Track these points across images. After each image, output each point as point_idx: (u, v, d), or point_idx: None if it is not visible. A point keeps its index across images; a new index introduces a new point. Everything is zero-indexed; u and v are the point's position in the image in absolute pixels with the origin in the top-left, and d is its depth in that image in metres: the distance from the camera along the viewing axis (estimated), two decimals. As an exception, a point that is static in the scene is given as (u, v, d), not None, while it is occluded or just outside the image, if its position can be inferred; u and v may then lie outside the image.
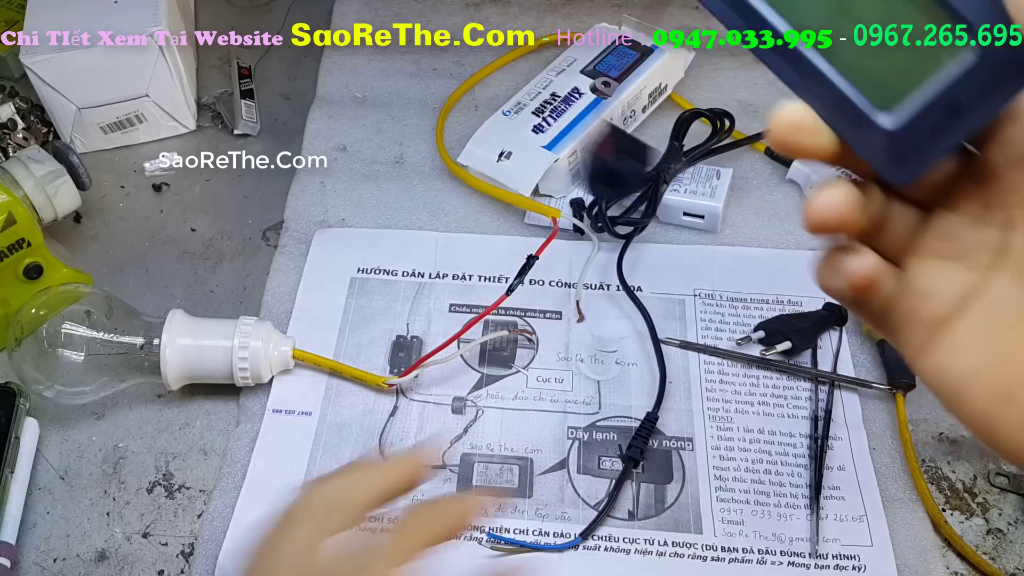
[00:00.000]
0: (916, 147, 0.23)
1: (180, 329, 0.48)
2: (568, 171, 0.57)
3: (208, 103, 0.67)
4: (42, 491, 0.47)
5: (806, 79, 0.24)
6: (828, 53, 0.24)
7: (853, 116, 0.24)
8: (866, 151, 0.24)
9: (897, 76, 0.23)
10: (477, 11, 0.73)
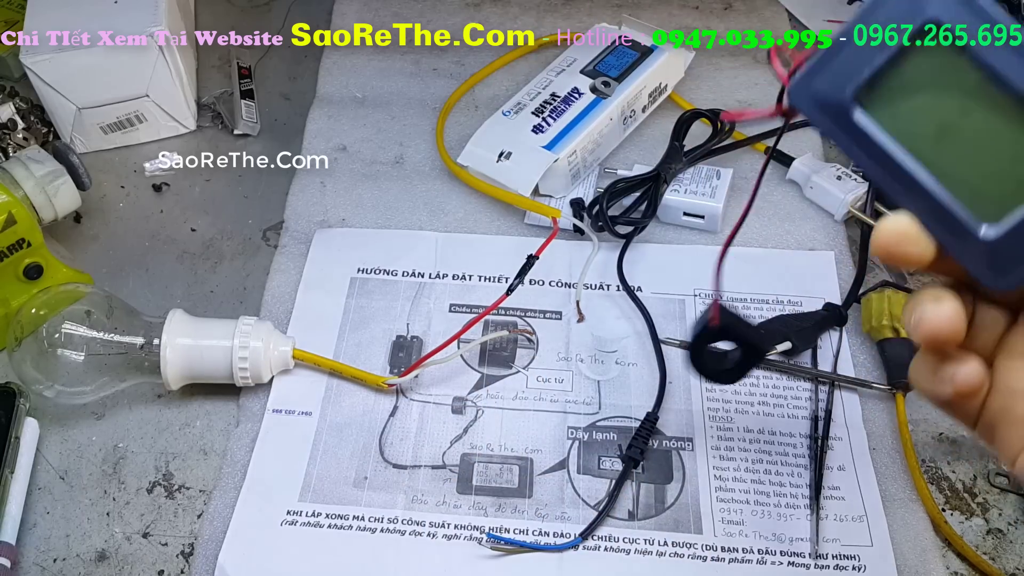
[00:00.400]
0: (1017, 257, 0.24)
1: (180, 329, 0.48)
2: (568, 171, 0.57)
3: (208, 103, 0.67)
4: (42, 491, 0.47)
5: (910, 190, 0.25)
6: (932, 167, 0.25)
7: (956, 227, 0.25)
8: (968, 260, 0.25)
9: (1000, 190, 0.24)
10: (477, 11, 0.73)
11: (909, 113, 0.25)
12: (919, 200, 0.25)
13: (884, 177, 0.25)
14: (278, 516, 0.45)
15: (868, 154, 0.25)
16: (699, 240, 0.57)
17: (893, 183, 0.25)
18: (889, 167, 0.25)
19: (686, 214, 0.57)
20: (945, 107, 0.24)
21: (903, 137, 0.25)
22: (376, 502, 0.46)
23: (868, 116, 0.25)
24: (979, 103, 0.24)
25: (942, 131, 0.25)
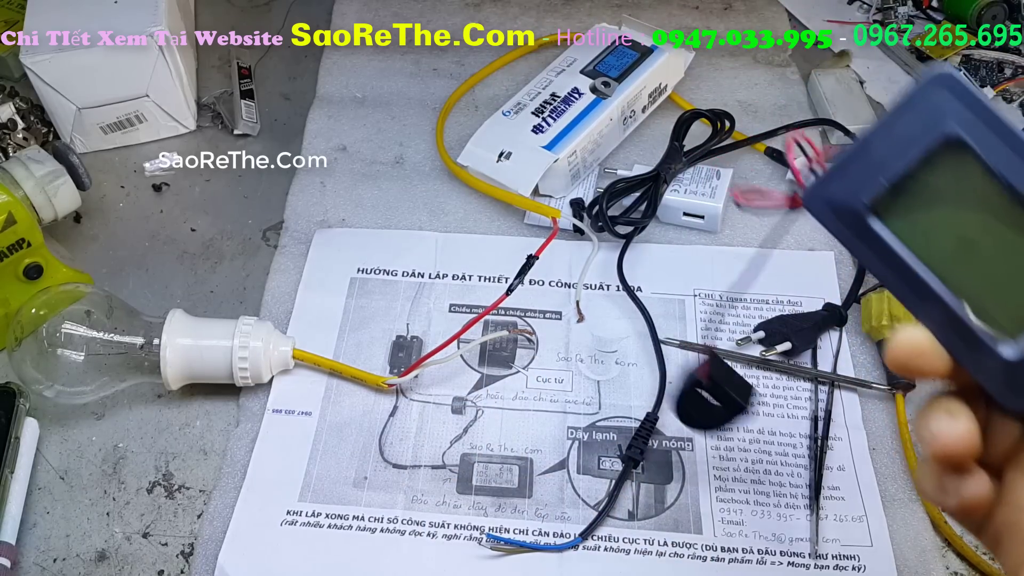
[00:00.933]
0: None
1: (180, 329, 0.48)
2: (568, 171, 0.57)
3: (208, 103, 0.67)
4: (42, 491, 0.47)
5: (926, 302, 0.25)
6: (949, 281, 0.25)
7: (973, 343, 0.25)
8: (985, 377, 0.25)
9: (1018, 308, 0.24)
10: (477, 11, 0.73)
11: (927, 225, 0.25)
12: (935, 313, 0.25)
13: (900, 287, 0.25)
14: (278, 516, 0.45)
15: (884, 263, 0.25)
16: (699, 240, 0.57)
17: (909, 294, 0.25)
18: (905, 277, 0.25)
19: (686, 214, 0.57)
20: (964, 221, 0.24)
21: (920, 249, 0.25)
22: (376, 502, 0.46)
23: (884, 226, 0.25)
24: (999, 218, 0.24)
25: (960, 245, 0.25)
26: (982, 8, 0.69)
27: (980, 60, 0.69)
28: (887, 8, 0.74)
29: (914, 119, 0.24)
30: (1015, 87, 0.67)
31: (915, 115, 0.24)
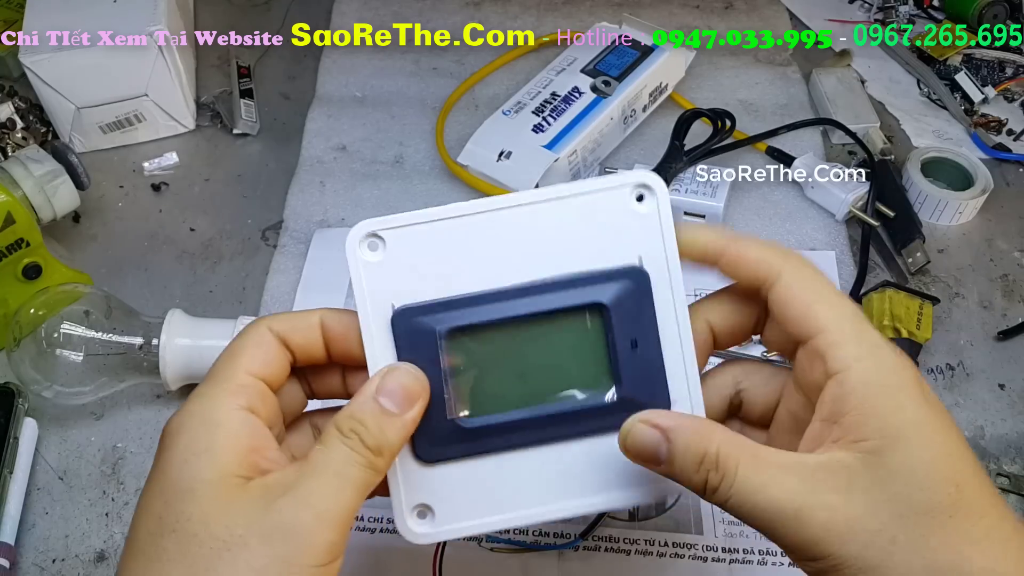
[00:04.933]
0: (640, 387, 0.31)
1: (179, 329, 0.47)
2: (568, 170, 0.57)
3: (207, 102, 0.67)
4: (41, 491, 0.47)
5: (555, 425, 0.31)
6: (546, 398, 0.31)
7: (599, 412, 0.31)
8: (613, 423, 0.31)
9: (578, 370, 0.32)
10: (477, 10, 0.73)
11: (490, 389, 0.30)
12: (566, 425, 0.31)
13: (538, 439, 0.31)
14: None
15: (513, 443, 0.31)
16: (700, 240, 0.57)
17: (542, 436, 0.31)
18: (531, 431, 0.30)
19: (687, 214, 0.57)
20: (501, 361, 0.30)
21: (508, 405, 0.30)
22: (375, 502, 0.46)
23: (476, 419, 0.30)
24: (506, 342, 0.30)
25: (520, 374, 0.31)
26: (983, 7, 0.69)
27: (981, 59, 0.68)
28: (888, 7, 0.74)
29: (425, 324, 0.30)
30: (1016, 86, 0.67)
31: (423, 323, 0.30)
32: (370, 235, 0.31)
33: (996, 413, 0.49)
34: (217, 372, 0.30)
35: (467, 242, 0.31)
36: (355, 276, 0.31)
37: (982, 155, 0.62)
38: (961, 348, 0.52)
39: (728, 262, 0.30)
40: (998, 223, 0.59)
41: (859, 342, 0.28)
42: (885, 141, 0.61)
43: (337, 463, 0.28)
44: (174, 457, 0.28)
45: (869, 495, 0.26)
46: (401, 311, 0.30)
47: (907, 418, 0.26)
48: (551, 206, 0.31)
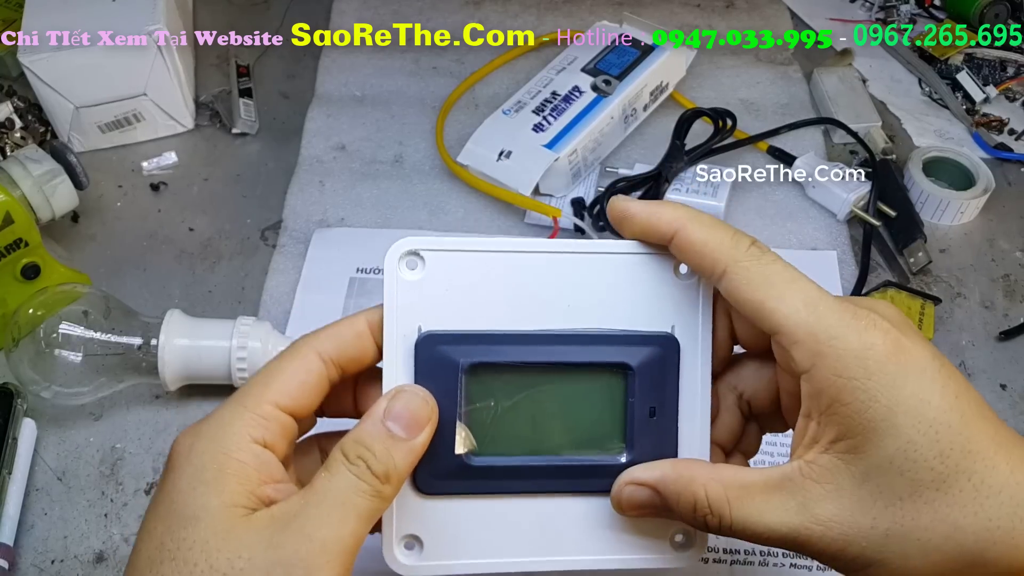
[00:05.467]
0: (651, 450, 0.31)
1: (178, 329, 0.47)
2: (569, 170, 0.57)
3: (206, 102, 0.67)
4: (40, 492, 0.47)
5: (554, 478, 0.31)
6: (558, 449, 0.31)
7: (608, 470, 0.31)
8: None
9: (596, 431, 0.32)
10: (477, 9, 0.72)
11: (502, 430, 0.30)
12: (571, 480, 0.31)
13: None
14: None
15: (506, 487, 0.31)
16: (700, 240, 0.56)
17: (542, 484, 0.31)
18: (535, 479, 0.30)
19: (687, 213, 0.56)
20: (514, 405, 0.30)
21: (517, 450, 0.30)
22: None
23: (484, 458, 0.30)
24: (527, 386, 0.30)
25: (534, 421, 0.30)
26: (984, 7, 0.69)
27: (982, 59, 0.68)
28: (889, 7, 0.74)
29: (443, 357, 0.30)
30: (1017, 86, 0.67)
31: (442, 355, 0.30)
32: (411, 253, 0.30)
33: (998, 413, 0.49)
34: (245, 395, 0.29)
35: (506, 279, 0.30)
36: (389, 291, 0.30)
37: (984, 155, 0.62)
38: (963, 348, 0.52)
39: (677, 249, 0.29)
40: (1000, 223, 0.59)
41: (816, 337, 0.26)
42: (886, 140, 0.61)
43: (342, 491, 0.27)
44: (181, 482, 0.27)
45: (855, 495, 0.26)
46: (427, 336, 0.30)
47: (877, 410, 0.26)
48: (597, 259, 0.30)
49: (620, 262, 0.30)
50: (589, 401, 0.31)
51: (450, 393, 0.30)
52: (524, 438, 0.30)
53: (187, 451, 0.27)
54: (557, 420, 0.31)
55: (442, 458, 0.30)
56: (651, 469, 0.29)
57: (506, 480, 0.30)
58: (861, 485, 0.26)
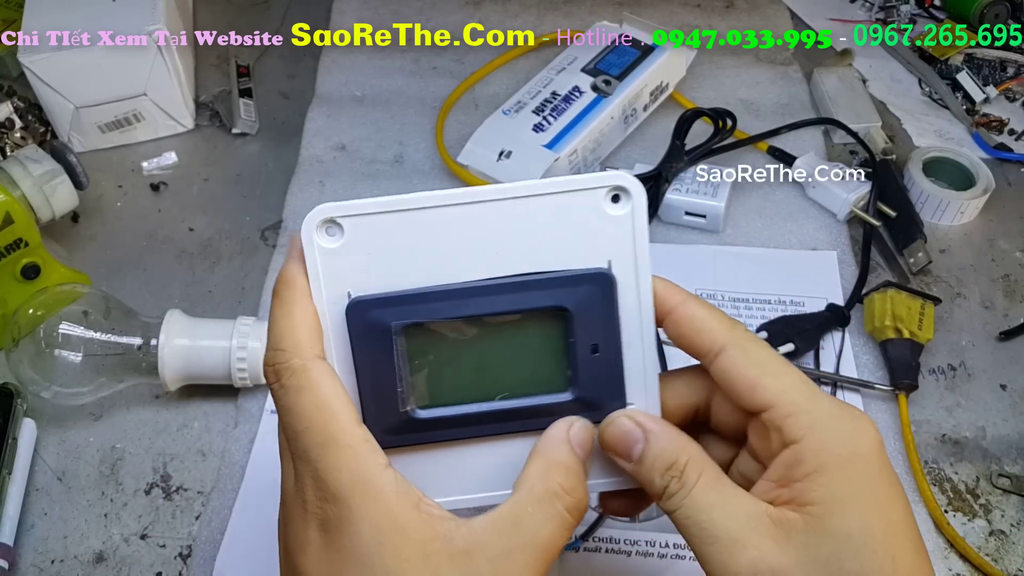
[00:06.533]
0: (597, 388, 0.32)
1: (178, 329, 0.47)
2: (569, 170, 0.57)
3: (206, 102, 0.67)
4: (39, 492, 0.47)
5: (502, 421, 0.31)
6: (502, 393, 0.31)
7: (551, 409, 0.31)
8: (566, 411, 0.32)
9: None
10: (477, 9, 0.72)
11: (444, 383, 0.30)
12: (517, 421, 0.30)
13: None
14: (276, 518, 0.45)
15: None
16: (701, 240, 0.56)
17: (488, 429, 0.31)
18: (481, 425, 0.30)
19: (688, 213, 0.56)
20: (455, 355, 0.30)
21: (461, 399, 0.30)
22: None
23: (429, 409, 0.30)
24: (464, 338, 0.30)
25: (476, 370, 0.30)
26: (984, 7, 0.69)
27: (983, 59, 0.68)
28: (890, 7, 0.74)
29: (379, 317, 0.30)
30: (1017, 86, 0.67)
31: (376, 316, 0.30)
32: (327, 221, 0.30)
33: (998, 414, 0.49)
34: (328, 435, 0.28)
35: (430, 234, 0.30)
36: (310, 262, 0.30)
37: (984, 155, 0.62)
38: (963, 348, 0.52)
39: (672, 324, 0.30)
40: (1000, 223, 0.59)
41: (812, 413, 0.28)
42: (887, 141, 0.61)
43: (548, 532, 0.28)
44: (358, 543, 0.26)
45: (803, 552, 0.26)
46: (356, 302, 0.30)
47: (854, 489, 0.27)
48: (522, 203, 0.29)
49: (546, 203, 0.30)
50: (530, 344, 0.30)
51: (387, 354, 0.29)
52: (468, 387, 0.30)
53: (345, 512, 0.27)
54: (500, 366, 0.30)
55: (390, 415, 0.30)
56: (653, 421, 0.29)
57: (454, 428, 0.30)
58: (812, 546, 0.26)
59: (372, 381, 0.30)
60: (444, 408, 0.30)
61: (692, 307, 0.30)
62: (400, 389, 0.30)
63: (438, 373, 0.30)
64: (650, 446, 0.29)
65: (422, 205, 0.29)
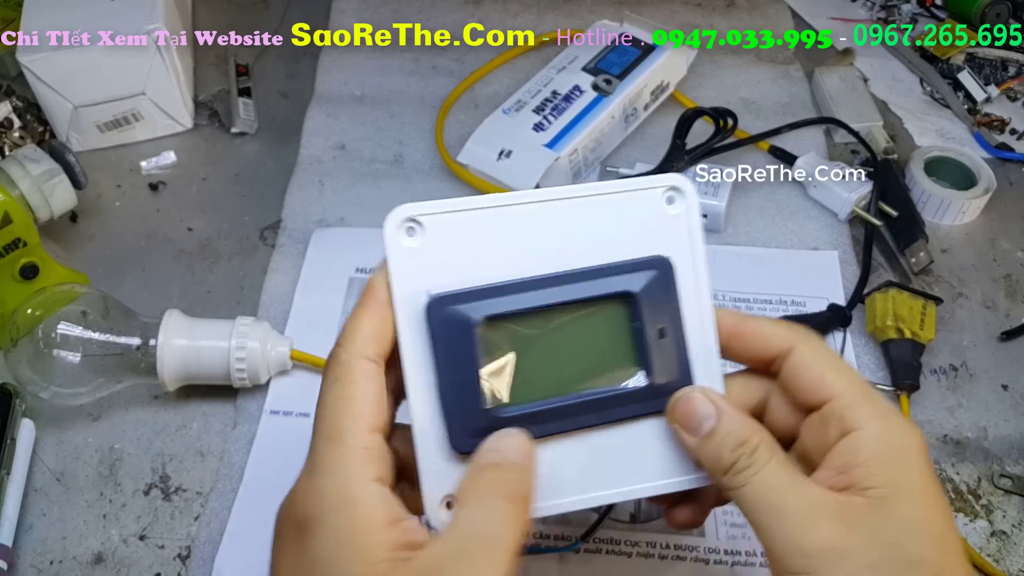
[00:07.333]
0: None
1: (177, 329, 0.47)
2: (569, 169, 0.57)
3: (205, 101, 0.66)
4: (38, 493, 0.46)
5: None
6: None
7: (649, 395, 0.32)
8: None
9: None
10: (477, 8, 0.72)
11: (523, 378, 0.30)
12: (596, 413, 0.31)
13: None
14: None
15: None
16: (701, 239, 0.56)
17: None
18: (562, 419, 0.31)
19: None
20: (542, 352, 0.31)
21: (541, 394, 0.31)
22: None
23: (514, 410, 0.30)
24: (538, 331, 0.31)
25: (551, 363, 0.31)
26: (985, 7, 0.69)
27: (984, 58, 0.68)
28: (891, 6, 0.74)
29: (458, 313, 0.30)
30: (1019, 85, 0.67)
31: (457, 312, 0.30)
32: (409, 220, 0.30)
33: (999, 414, 0.49)
34: (339, 431, 0.28)
35: (503, 232, 0.31)
36: (392, 261, 0.30)
37: (985, 154, 0.62)
38: (964, 348, 0.52)
39: (740, 341, 0.32)
40: (1001, 223, 0.59)
41: (872, 405, 0.29)
42: (888, 140, 0.61)
43: (490, 525, 0.27)
44: (318, 551, 0.26)
45: (871, 533, 0.27)
46: (437, 299, 0.30)
47: (911, 477, 0.28)
48: (586, 202, 0.31)
49: (611, 202, 0.31)
50: (601, 333, 0.31)
51: (468, 351, 0.30)
52: (546, 381, 0.31)
53: (316, 515, 0.27)
54: (574, 358, 0.31)
55: (473, 416, 0.30)
56: (725, 401, 0.30)
57: (535, 425, 0.30)
58: (879, 529, 0.27)
59: (453, 378, 0.30)
60: (524, 405, 0.30)
61: (753, 321, 0.32)
62: (483, 386, 0.30)
63: (516, 370, 0.31)
64: (723, 423, 0.30)
65: (497, 204, 0.31)
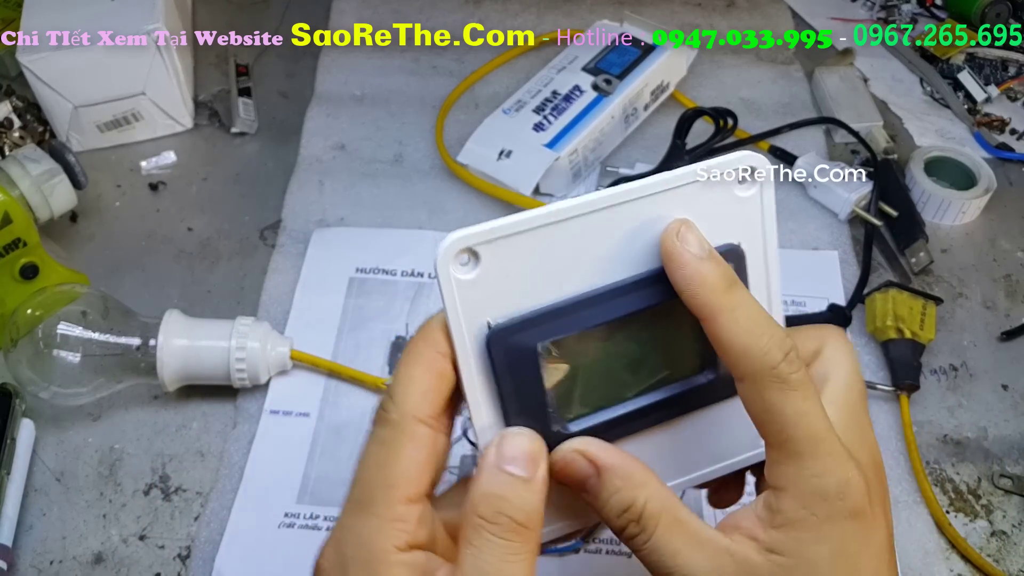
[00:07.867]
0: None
1: (177, 329, 0.47)
2: (569, 169, 0.57)
3: (205, 101, 0.66)
4: (38, 493, 0.46)
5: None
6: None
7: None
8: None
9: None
10: (477, 8, 0.72)
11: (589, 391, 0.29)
12: (664, 411, 0.30)
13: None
14: (275, 519, 0.45)
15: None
16: (701, 239, 0.56)
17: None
18: (630, 423, 0.30)
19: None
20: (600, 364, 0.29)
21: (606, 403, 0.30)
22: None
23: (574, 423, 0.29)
24: (603, 343, 0.29)
25: (617, 371, 0.30)
26: (985, 7, 0.69)
27: (984, 58, 0.68)
28: (891, 6, 0.74)
29: (521, 340, 0.28)
30: (1019, 85, 0.67)
31: (519, 340, 0.28)
32: (464, 251, 0.27)
33: (999, 414, 0.49)
34: (370, 499, 0.26)
35: (561, 247, 0.28)
36: (447, 297, 0.28)
37: (985, 154, 0.62)
38: (964, 349, 0.52)
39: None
40: (1001, 223, 0.59)
41: (801, 463, 0.27)
42: (888, 140, 0.61)
43: (495, 564, 0.25)
44: None
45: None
46: (497, 331, 0.28)
47: (822, 551, 0.26)
48: (650, 201, 0.28)
49: (673, 197, 0.28)
50: (665, 334, 0.30)
51: (534, 378, 0.28)
52: (612, 389, 0.30)
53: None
54: (640, 361, 0.30)
55: (544, 437, 0.29)
56: (608, 454, 0.28)
57: (605, 433, 0.29)
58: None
59: (520, 407, 0.29)
60: (590, 416, 0.29)
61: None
62: (551, 410, 0.29)
63: (582, 385, 0.29)
64: (603, 483, 0.27)
65: (555, 219, 0.28)
